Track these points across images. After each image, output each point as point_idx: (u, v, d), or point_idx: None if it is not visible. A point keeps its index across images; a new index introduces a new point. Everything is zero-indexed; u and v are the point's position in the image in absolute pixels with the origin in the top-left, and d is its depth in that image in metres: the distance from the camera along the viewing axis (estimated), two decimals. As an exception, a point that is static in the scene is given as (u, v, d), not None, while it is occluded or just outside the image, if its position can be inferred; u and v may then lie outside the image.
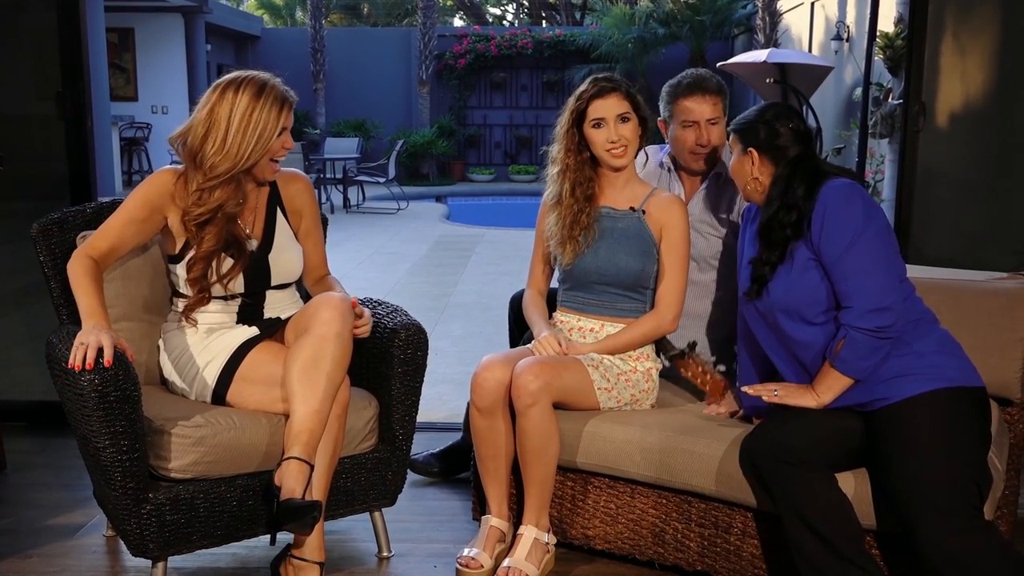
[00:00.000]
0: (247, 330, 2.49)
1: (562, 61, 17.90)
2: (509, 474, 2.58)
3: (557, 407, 2.48)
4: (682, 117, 2.75)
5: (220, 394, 2.43)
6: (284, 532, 2.28)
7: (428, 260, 9.38)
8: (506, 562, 2.47)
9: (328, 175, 13.46)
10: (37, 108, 3.73)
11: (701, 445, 2.38)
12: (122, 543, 2.50)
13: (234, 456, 2.33)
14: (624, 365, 2.60)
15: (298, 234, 2.63)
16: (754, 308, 2.34)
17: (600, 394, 2.54)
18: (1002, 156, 3.72)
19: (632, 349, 2.61)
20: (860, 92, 8.60)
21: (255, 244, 2.50)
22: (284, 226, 2.58)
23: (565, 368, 2.50)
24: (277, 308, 2.56)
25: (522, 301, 2.83)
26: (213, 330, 2.48)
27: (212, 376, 2.44)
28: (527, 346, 2.63)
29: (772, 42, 14.37)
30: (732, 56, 12.12)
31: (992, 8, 3.71)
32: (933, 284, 2.53)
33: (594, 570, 2.59)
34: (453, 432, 3.39)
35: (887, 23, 8.73)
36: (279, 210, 2.58)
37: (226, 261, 2.44)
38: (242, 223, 2.49)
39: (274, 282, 2.53)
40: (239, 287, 2.47)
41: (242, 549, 2.63)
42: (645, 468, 2.45)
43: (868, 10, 9.73)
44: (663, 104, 2.82)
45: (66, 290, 2.42)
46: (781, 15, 14.81)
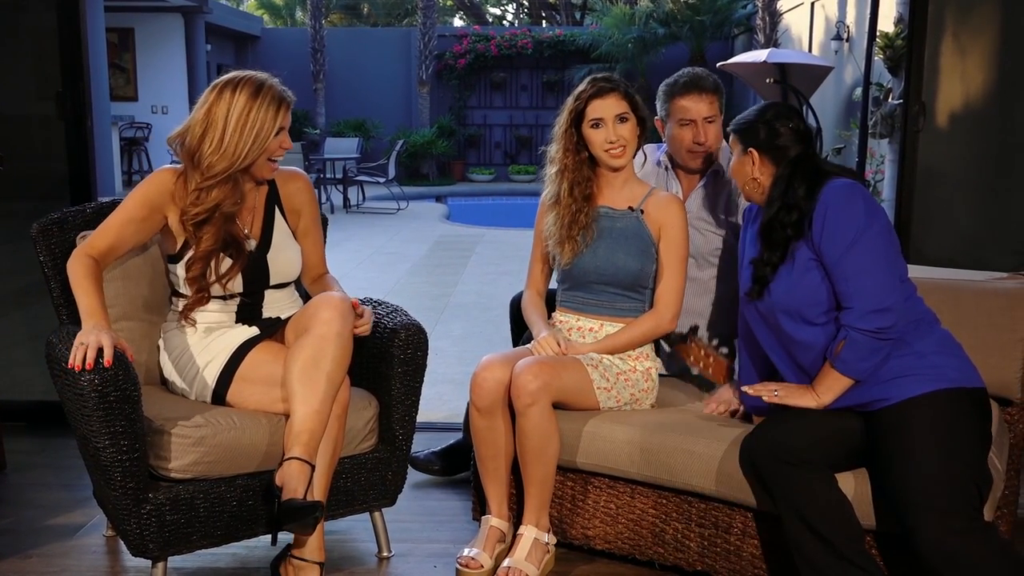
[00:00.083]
0: (247, 330, 2.49)
1: (562, 61, 17.89)
2: (509, 474, 2.57)
3: (557, 407, 2.48)
4: (679, 116, 2.76)
5: (220, 394, 2.43)
6: (284, 532, 2.28)
7: (428, 260, 9.38)
8: (506, 562, 2.47)
9: (328, 175, 13.45)
10: (37, 108, 3.73)
11: (701, 445, 2.38)
12: (122, 543, 2.50)
13: (234, 456, 2.34)
14: (623, 365, 2.60)
15: (296, 233, 2.63)
16: (755, 309, 2.34)
17: (600, 394, 2.54)
18: (1002, 156, 3.72)
19: (631, 348, 2.61)
20: (860, 92, 8.60)
21: (253, 244, 2.50)
22: (282, 225, 2.58)
23: (564, 368, 2.50)
24: (276, 308, 2.56)
25: (521, 302, 2.83)
26: (212, 330, 2.48)
27: (212, 376, 2.44)
28: (527, 346, 2.63)
29: (772, 42, 14.37)
30: (732, 56, 12.13)
31: (992, 8, 3.71)
32: (933, 284, 2.53)
33: (594, 570, 2.59)
34: (453, 432, 3.39)
35: (887, 23, 8.73)
36: (277, 209, 2.58)
37: (224, 261, 2.44)
38: (240, 223, 2.49)
39: (272, 281, 2.53)
40: (238, 287, 2.47)
41: (242, 549, 2.63)
42: (645, 468, 2.45)
43: (868, 10, 9.73)
44: (660, 103, 2.83)
45: (66, 290, 2.42)
46: (781, 15, 14.81)
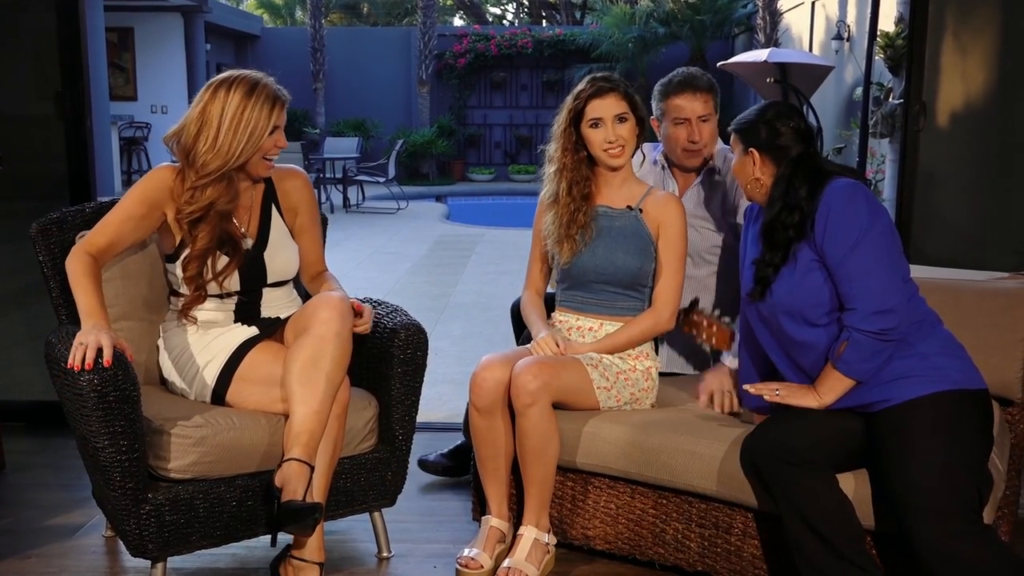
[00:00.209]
0: (247, 330, 2.49)
1: (562, 61, 17.88)
2: (509, 474, 2.57)
3: (557, 407, 2.48)
4: (673, 115, 2.78)
5: (220, 394, 2.43)
6: (284, 533, 2.28)
7: (428, 260, 9.37)
8: (506, 562, 2.46)
9: (328, 175, 13.44)
10: (36, 108, 3.73)
11: (702, 445, 2.38)
12: (121, 543, 2.49)
13: (234, 456, 2.33)
14: (623, 364, 2.59)
15: (293, 230, 2.62)
16: (756, 310, 2.33)
17: (600, 393, 2.54)
18: (1003, 156, 3.71)
19: (631, 347, 2.61)
20: (861, 92, 8.60)
21: (250, 242, 2.50)
22: (279, 224, 2.58)
23: (564, 368, 2.49)
24: (275, 307, 2.55)
25: (520, 302, 2.83)
26: (211, 329, 2.48)
27: (212, 376, 2.43)
28: (526, 346, 2.63)
29: (772, 42, 14.36)
30: (732, 55, 12.11)
31: (993, 8, 3.70)
32: (934, 284, 2.52)
33: (594, 570, 2.59)
34: (453, 432, 3.39)
35: (888, 22, 8.72)
36: (274, 207, 2.58)
37: (221, 259, 2.44)
38: (237, 221, 2.49)
39: (270, 280, 2.53)
40: (235, 285, 2.47)
41: (241, 549, 2.63)
42: (645, 468, 2.44)
43: (869, 9, 9.71)
44: (655, 103, 2.85)
45: (65, 290, 2.42)
46: (781, 14, 14.80)
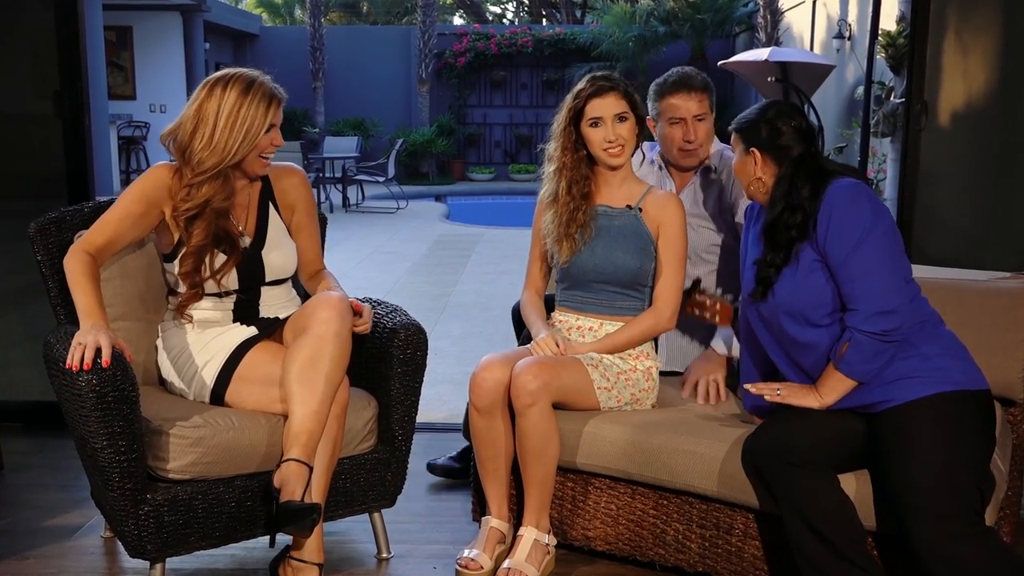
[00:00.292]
0: (246, 330, 2.48)
1: (562, 59, 17.86)
2: (509, 475, 2.56)
3: (557, 407, 2.47)
4: (669, 114, 2.78)
5: (219, 394, 2.42)
6: (283, 533, 2.27)
7: (428, 259, 9.37)
8: (506, 563, 2.46)
9: (327, 174, 13.43)
10: (35, 107, 3.72)
11: (703, 446, 2.37)
12: (120, 544, 2.48)
13: (233, 457, 2.32)
14: (624, 364, 2.58)
15: (291, 228, 2.61)
16: (757, 310, 2.32)
17: (600, 393, 2.53)
18: (1004, 155, 3.70)
19: (631, 347, 2.60)
20: (862, 91, 8.59)
21: (248, 241, 2.49)
22: (277, 222, 2.57)
23: (564, 368, 2.49)
24: (273, 306, 2.55)
25: (520, 303, 2.82)
26: (210, 328, 2.47)
27: (211, 376, 2.43)
28: (526, 346, 2.62)
29: (773, 40, 14.36)
30: (733, 54, 12.11)
31: (994, 7, 3.70)
32: (935, 284, 2.52)
33: (594, 571, 2.58)
34: (453, 432, 3.38)
35: (889, 21, 8.71)
36: (272, 206, 2.57)
37: (219, 256, 2.43)
38: (235, 220, 2.48)
39: (268, 278, 2.52)
40: (233, 283, 2.46)
41: (241, 550, 2.62)
42: (646, 469, 2.43)
43: (870, 8, 9.70)
44: (651, 102, 2.85)
45: (64, 290, 2.41)
46: (782, 13, 14.79)
